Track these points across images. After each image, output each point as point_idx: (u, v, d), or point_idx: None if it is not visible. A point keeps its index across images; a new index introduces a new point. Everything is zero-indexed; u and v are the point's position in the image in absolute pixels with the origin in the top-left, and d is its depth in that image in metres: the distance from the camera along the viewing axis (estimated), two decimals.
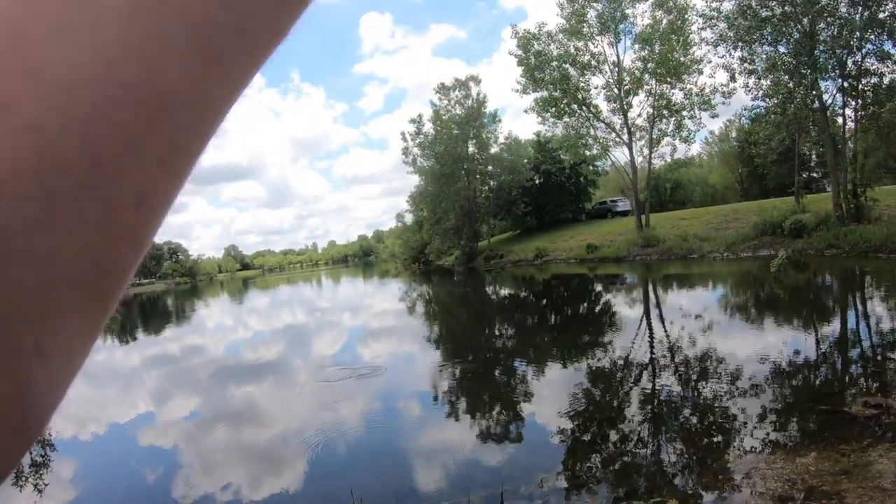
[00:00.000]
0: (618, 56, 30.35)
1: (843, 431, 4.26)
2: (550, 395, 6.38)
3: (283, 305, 28.46)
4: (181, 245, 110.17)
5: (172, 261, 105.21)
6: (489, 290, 23.48)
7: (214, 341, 16.07)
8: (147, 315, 30.28)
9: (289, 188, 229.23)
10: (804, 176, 35.66)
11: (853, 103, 21.42)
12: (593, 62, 30.34)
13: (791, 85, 21.44)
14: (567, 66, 30.45)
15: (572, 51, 30.31)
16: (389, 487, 4.33)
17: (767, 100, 22.88)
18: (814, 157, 36.13)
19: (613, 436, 4.95)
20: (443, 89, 44.36)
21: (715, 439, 4.59)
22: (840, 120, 22.25)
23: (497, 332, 12.13)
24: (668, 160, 34.96)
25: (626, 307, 13.15)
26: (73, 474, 5.68)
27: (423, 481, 4.42)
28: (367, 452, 5.18)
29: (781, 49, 21.77)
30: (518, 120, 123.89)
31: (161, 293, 64.34)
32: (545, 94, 31.05)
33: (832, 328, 8.42)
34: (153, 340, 18.28)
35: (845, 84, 21.00)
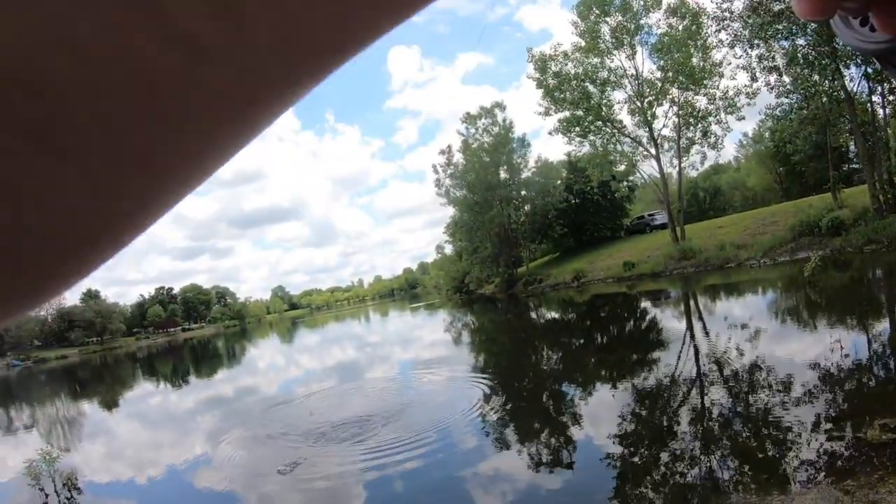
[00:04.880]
0: (636, 68, 30.57)
1: (853, 462, 3.92)
2: (609, 418, 6.39)
3: (332, 343, 29.43)
4: (228, 289, 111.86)
5: (221, 304, 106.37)
6: (533, 315, 23.67)
7: (267, 381, 16.94)
8: (198, 358, 31.43)
9: (332, 226, 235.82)
10: (845, 168, 34.54)
11: (880, 88, 20.94)
12: (612, 77, 30.66)
13: (816, 77, 21.14)
14: (586, 83, 30.84)
15: (590, 68, 30.69)
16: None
17: (791, 95, 22.67)
18: (852, 147, 35.10)
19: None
20: (469, 119, 44.94)
21: (699, 470, 4.51)
22: (870, 108, 21.76)
23: (550, 357, 12.39)
24: (700, 168, 34.63)
25: (635, 330, 13.24)
26: None
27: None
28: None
29: (800, 42, 21.55)
30: (551, 142, 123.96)
31: (211, 336, 66.87)
32: (567, 114, 31.52)
33: (858, 337, 8.00)
34: (208, 384, 19.04)
35: (870, 70, 20.47)
